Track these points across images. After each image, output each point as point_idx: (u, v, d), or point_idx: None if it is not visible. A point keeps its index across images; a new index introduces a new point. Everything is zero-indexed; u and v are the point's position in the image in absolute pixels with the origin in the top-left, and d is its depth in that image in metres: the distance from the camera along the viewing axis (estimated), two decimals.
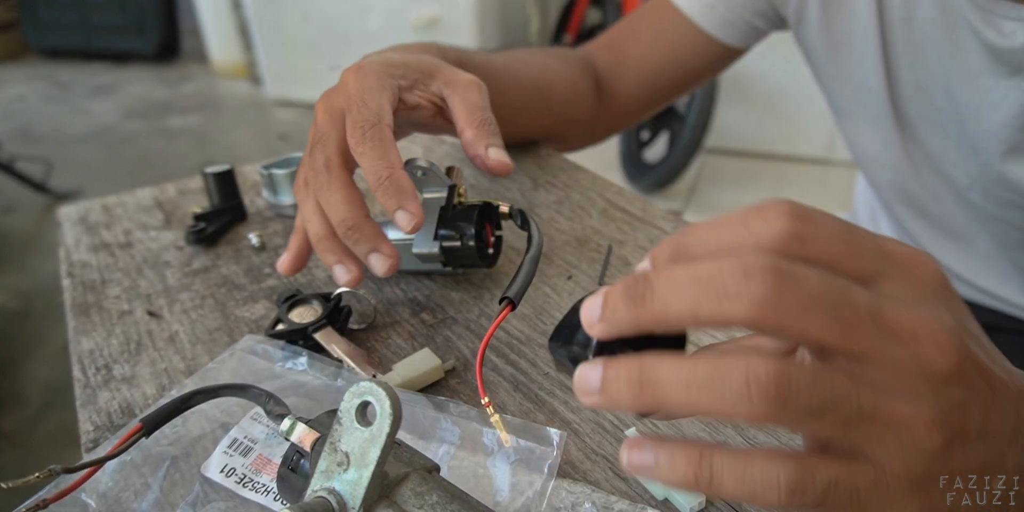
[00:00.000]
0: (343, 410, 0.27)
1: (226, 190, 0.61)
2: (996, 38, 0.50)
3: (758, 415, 0.21)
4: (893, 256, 0.24)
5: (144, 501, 0.35)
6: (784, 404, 0.21)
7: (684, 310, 0.22)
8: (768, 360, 0.21)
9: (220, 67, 3.76)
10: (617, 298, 0.23)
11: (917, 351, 0.22)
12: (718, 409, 0.22)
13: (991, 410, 0.23)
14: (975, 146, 0.55)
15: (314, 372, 0.42)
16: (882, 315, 0.22)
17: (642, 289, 0.23)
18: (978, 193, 0.58)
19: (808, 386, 0.21)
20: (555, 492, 0.34)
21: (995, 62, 0.51)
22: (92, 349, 0.47)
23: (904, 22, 0.56)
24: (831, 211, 0.35)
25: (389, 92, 0.45)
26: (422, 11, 2.83)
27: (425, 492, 0.28)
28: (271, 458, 0.37)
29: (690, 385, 0.22)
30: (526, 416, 0.40)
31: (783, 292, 0.21)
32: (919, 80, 0.57)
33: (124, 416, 0.41)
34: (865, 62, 0.59)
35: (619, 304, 0.23)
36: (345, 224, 0.43)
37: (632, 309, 0.23)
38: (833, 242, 0.23)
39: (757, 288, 0.21)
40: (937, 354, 0.22)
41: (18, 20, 4.09)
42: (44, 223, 2.44)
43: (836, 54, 0.62)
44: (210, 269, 0.56)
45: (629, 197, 0.64)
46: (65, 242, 0.61)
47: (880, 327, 0.22)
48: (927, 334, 0.22)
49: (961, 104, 0.54)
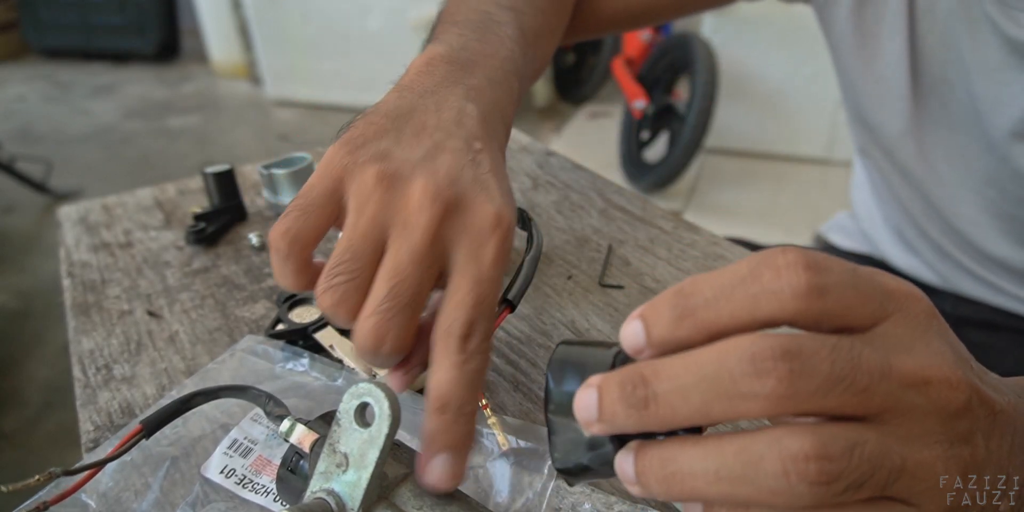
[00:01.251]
0: (342, 411, 0.27)
1: (226, 190, 0.61)
2: (1016, 31, 0.49)
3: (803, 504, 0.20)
4: (893, 295, 0.24)
5: (144, 501, 0.35)
6: (828, 487, 0.20)
7: (694, 413, 0.21)
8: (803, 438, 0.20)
9: (220, 67, 3.76)
10: (615, 402, 0.22)
11: (928, 394, 0.22)
12: (755, 499, 0.21)
13: (992, 433, 0.24)
14: (991, 141, 0.55)
15: (314, 373, 0.42)
16: (892, 370, 0.22)
17: (643, 394, 0.21)
18: (995, 189, 0.58)
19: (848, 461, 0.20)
20: (554, 493, 0.34)
21: (1014, 55, 0.50)
22: (92, 349, 0.47)
23: (927, 14, 0.55)
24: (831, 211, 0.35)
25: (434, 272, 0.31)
26: (422, 11, 2.83)
27: (424, 493, 0.28)
28: (271, 459, 0.37)
29: (720, 477, 0.21)
30: (526, 416, 0.40)
31: (798, 383, 0.20)
32: (942, 73, 0.56)
33: (124, 416, 0.41)
34: (892, 53, 0.58)
35: (618, 408, 0.22)
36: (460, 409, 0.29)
37: (634, 415, 0.22)
38: (847, 291, 0.22)
39: (771, 384, 0.20)
40: (949, 394, 0.22)
41: (18, 20, 4.09)
42: (44, 223, 2.44)
43: (864, 43, 0.61)
44: (210, 269, 0.56)
45: (629, 197, 0.64)
46: (65, 242, 0.61)
47: (892, 383, 0.21)
48: (939, 377, 0.22)
49: (979, 98, 0.54)
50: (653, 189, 2.34)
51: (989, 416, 0.23)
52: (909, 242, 0.73)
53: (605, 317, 0.48)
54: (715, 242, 0.56)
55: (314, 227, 0.33)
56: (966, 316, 0.69)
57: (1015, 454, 0.25)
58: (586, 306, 0.49)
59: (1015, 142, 0.53)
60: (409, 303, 0.29)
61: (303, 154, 0.64)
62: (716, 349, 0.21)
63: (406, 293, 0.29)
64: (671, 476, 0.21)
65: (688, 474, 0.21)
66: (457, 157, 0.33)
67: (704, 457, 0.21)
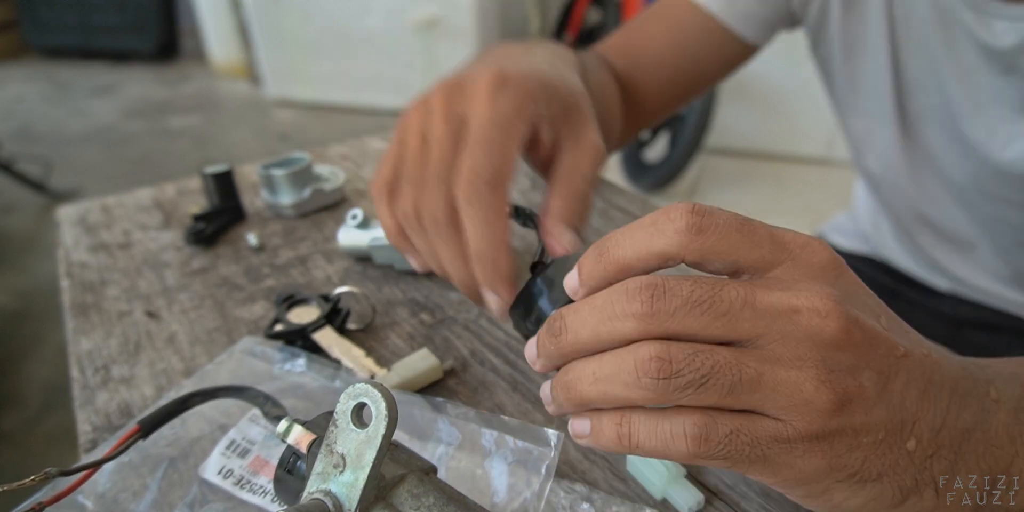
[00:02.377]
0: (339, 412, 0.27)
1: (225, 190, 0.61)
2: (988, 37, 0.50)
3: (650, 397, 0.24)
4: (786, 245, 0.26)
5: (142, 502, 0.35)
6: (668, 382, 0.24)
7: (589, 335, 0.26)
8: (652, 345, 0.24)
9: (220, 67, 3.76)
10: (544, 337, 0.28)
11: (798, 322, 0.24)
12: (621, 395, 0.25)
13: (892, 375, 0.25)
14: (970, 144, 0.55)
15: (312, 373, 0.42)
16: (757, 301, 0.24)
17: (558, 326, 0.27)
18: (975, 193, 0.58)
19: (688, 364, 0.24)
20: (553, 493, 0.34)
21: (988, 61, 0.51)
22: (91, 350, 0.47)
23: (904, 21, 0.56)
24: (831, 211, 0.36)
25: (525, 126, 0.37)
26: (422, 11, 2.83)
27: (422, 494, 0.28)
28: (269, 460, 0.37)
29: (597, 378, 0.26)
30: (524, 416, 0.40)
31: (658, 305, 0.24)
32: (919, 78, 0.57)
33: (122, 417, 0.41)
34: (876, 61, 0.59)
35: (546, 341, 0.27)
36: (487, 257, 0.36)
37: (555, 343, 0.27)
38: (729, 232, 0.26)
39: (636, 305, 0.25)
40: (819, 322, 0.24)
41: (18, 20, 4.09)
42: (43, 223, 2.44)
43: (851, 54, 0.62)
44: (209, 269, 0.56)
45: (629, 197, 0.64)
46: (64, 242, 0.61)
47: (758, 311, 0.24)
48: (807, 306, 0.24)
49: (956, 102, 0.55)
50: (653, 189, 2.34)
51: (887, 357, 0.25)
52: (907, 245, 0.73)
53: None
54: None
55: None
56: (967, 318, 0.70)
57: (929, 401, 0.26)
58: None
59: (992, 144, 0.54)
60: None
61: (302, 154, 0.64)
62: (609, 288, 0.26)
63: None
64: (567, 383, 0.27)
65: (576, 379, 0.26)
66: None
67: (587, 364, 0.26)
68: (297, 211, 0.62)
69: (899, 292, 0.74)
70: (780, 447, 0.24)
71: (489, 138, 0.36)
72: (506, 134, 0.36)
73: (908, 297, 0.74)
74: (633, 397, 0.25)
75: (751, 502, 0.34)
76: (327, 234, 0.60)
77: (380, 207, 0.40)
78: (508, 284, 0.36)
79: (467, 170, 0.35)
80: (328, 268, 0.55)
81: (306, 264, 0.56)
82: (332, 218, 0.62)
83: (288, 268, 0.55)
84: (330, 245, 0.58)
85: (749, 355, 0.24)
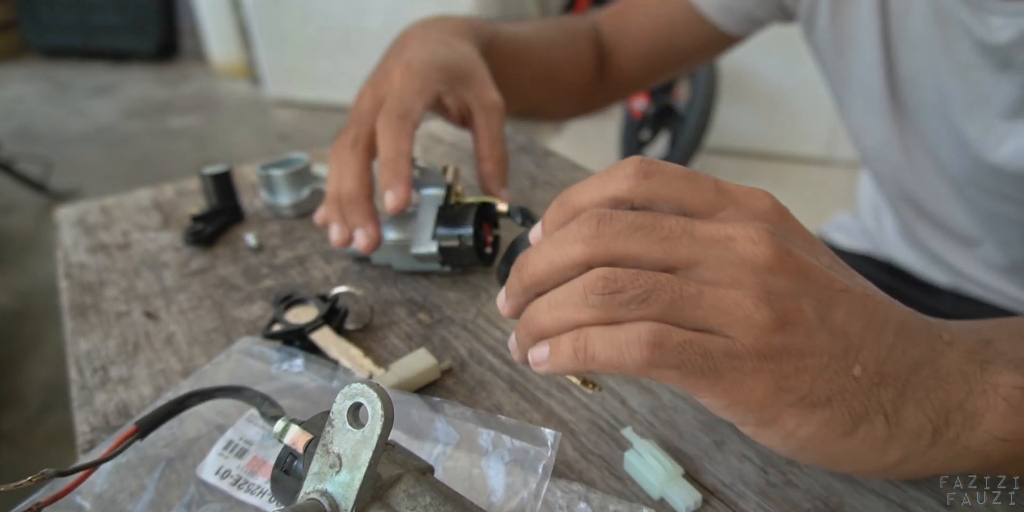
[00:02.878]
0: (335, 412, 0.27)
1: (224, 191, 0.61)
2: (984, 33, 0.50)
3: (598, 314, 0.27)
4: (730, 192, 0.29)
5: (139, 503, 0.35)
6: (613, 297, 0.26)
7: (545, 265, 0.29)
8: (599, 269, 0.27)
9: (220, 67, 3.76)
10: (512, 277, 0.30)
11: (734, 248, 0.26)
12: (573, 318, 0.27)
13: (833, 305, 0.27)
14: (967, 140, 0.55)
15: (310, 374, 0.42)
16: (695, 230, 0.27)
17: (522, 261, 0.30)
18: (974, 189, 0.58)
19: (631, 281, 0.26)
20: (550, 492, 0.34)
21: (984, 57, 0.51)
22: (89, 350, 0.47)
23: (901, 17, 0.56)
24: (831, 211, 0.38)
25: (427, 97, 0.51)
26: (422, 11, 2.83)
27: (418, 494, 0.28)
28: (266, 460, 0.37)
29: (551, 306, 0.28)
30: (522, 416, 0.40)
31: (603, 228, 0.27)
32: (914, 74, 0.57)
33: (121, 417, 0.41)
34: (868, 56, 0.59)
35: (513, 279, 0.30)
36: (349, 197, 0.48)
37: (521, 279, 0.30)
38: (674, 178, 0.29)
39: (584, 229, 0.27)
40: (752, 248, 0.26)
41: (18, 20, 4.09)
42: (43, 223, 2.44)
43: (842, 49, 0.62)
44: (208, 270, 0.56)
45: None
46: (63, 243, 0.61)
47: (696, 238, 0.27)
48: (742, 235, 0.26)
49: (953, 98, 0.55)
50: None
51: (822, 287, 0.27)
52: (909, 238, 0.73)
53: None
54: None
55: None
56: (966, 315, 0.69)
57: (873, 334, 0.27)
58: None
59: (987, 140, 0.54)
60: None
61: (300, 155, 0.64)
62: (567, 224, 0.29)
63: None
64: (527, 319, 0.29)
65: (534, 311, 0.29)
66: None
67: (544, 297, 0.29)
68: (296, 211, 0.62)
69: (899, 290, 0.74)
70: (730, 362, 0.26)
71: (400, 96, 0.49)
72: (413, 95, 0.50)
73: (908, 295, 0.74)
74: (582, 317, 0.27)
75: (748, 501, 0.34)
76: (325, 235, 0.60)
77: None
78: (406, 184, 0.47)
79: (383, 111, 0.49)
80: (326, 268, 0.55)
81: (304, 264, 0.56)
82: None
83: (286, 268, 0.55)
84: (328, 246, 0.58)
85: (689, 278, 0.27)
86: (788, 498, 0.34)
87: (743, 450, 0.37)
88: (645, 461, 0.35)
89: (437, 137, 0.79)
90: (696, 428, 0.39)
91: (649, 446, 0.36)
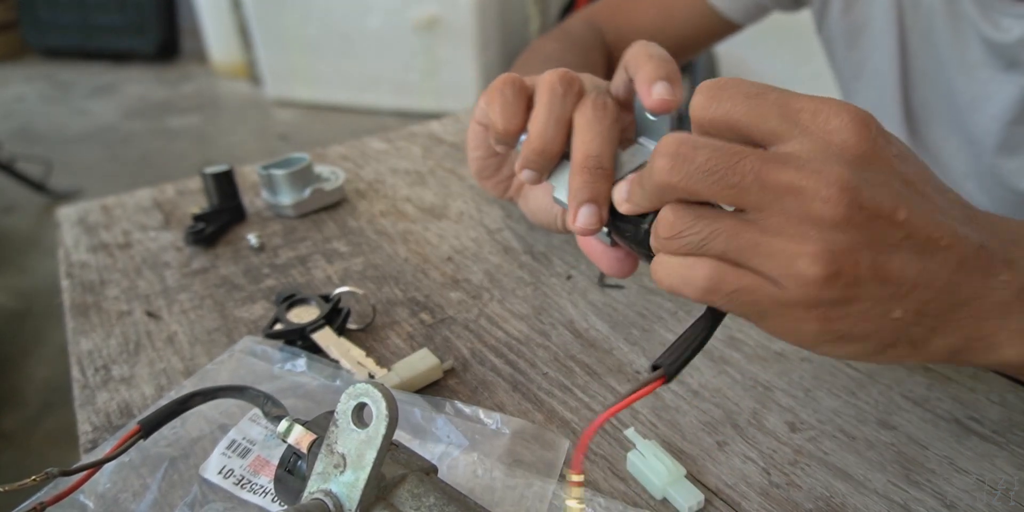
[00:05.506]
0: (339, 412, 0.27)
1: (225, 190, 0.61)
2: (993, 32, 0.50)
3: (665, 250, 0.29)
4: (798, 115, 0.27)
5: (142, 502, 0.35)
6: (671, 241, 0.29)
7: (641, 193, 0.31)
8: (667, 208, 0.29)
9: (220, 67, 3.76)
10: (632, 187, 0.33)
11: (802, 202, 0.26)
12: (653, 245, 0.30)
13: (892, 254, 0.27)
14: (970, 137, 0.56)
15: (312, 373, 0.42)
16: (766, 176, 0.26)
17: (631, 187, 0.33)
18: (973, 183, 0.58)
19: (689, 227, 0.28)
20: (555, 496, 0.34)
21: (992, 55, 0.51)
22: (91, 350, 0.47)
23: (913, 9, 0.56)
24: None
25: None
26: (422, 11, 2.83)
27: (422, 494, 0.28)
28: (269, 459, 0.37)
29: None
30: (525, 416, 0.40)
31: (676, 168, 0.27)
32: (925, 67, 0.57)
33: (123, 417, 0.41)
34: (882, 47, 0.59)
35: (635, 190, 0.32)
36: (599, 161, 0.36)
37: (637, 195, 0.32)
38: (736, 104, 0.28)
39: (659, 166, 0.28)
40: (821, 205, 0.26)
41: (18, 20, 4.09)
42: (44, 223, 2.44)
43: (856, 40, 0.62)
44: (209, 270, 0.56)
45: None
46: (64, 243, 0.61)
47: (764, 186, 0.26)
48: (812, 188, 0.26)
49: (959, 94, 0.55)
50: None
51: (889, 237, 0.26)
52: None
53: (604, 317, 0.48)
54: None
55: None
56: None
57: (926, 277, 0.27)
58: (585, 306, 0.49)
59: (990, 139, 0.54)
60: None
61: (302, 155, 0.64)
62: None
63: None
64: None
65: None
66: None
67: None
68: (297, 211, 0.62)
69: None
70: (778, 309, 0.27)
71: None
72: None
73: None
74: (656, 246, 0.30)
75: (751, 502, 0.34)
76: (327, 234, 0.60)
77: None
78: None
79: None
80: (328, 268, 0.55)
81: (306, 264, 0.56)
82: (332, 218, 0.62)
83: (288, 268, 0.55)
84: (330, 245, 0.58)
85: (751, 225, 0.27)
86: (790, 499, 0.34)
87: (746, 451, 0.37)
88: (648, 461, 0.35)
89: (438, 137, 0.79)
90: (699, 429, 0.39)
91: (652, 447, 0.36)
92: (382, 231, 0.60)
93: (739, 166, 0.26)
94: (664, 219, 0.29)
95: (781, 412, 0.40)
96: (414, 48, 2.95)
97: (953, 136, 0.58)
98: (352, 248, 0.58)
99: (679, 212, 0.28)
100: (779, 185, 0.26)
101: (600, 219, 0.36)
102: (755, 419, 0.39)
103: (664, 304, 0.49)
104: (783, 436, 0.38)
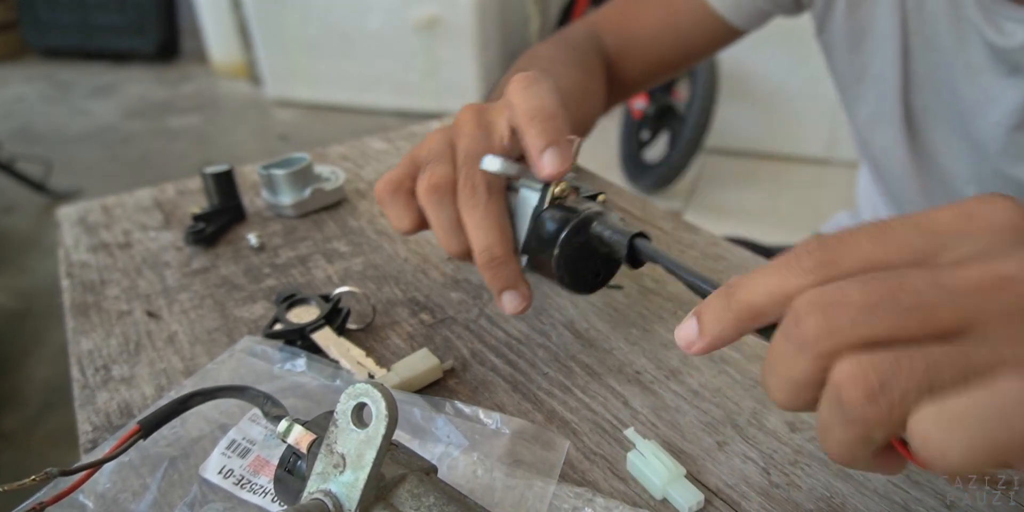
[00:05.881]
0: (339, 412, 0.27)
1: (225, 190, 0.61)
2: (997, 37, 0.50)
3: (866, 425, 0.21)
4: (936, 226, 0.23)
5: (142, 502, 0.35)
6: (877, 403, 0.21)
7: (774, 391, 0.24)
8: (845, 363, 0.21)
9: (220, 67, 3.75)
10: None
11: (1016, 293, 0.21)
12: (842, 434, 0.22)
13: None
14: (972, 142, 0.55)
15: (312, 373, 0.42)
16: (951, 283, 0.21)
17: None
18: (975, 188, 0.58)
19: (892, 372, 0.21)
20: (555, 496, 0.34)
21: (995, 60, 0.51)
22: (91, 349, 0.47)
23: (917, 13, 0.56)
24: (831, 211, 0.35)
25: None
26: (422, 11, 2.83)
27: (422, 494, 0.28)
28: (269, 459, 0.37)
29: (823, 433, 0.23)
30: (525, 416, 0.40)
31: (834, 316, 0.21)
32: (928, 71, 0.57)
33: (123, 417, 0.41)
34: (885, 51, 0.59)
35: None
36: (491, 253, 0.39)
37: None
38: (860, 248, 0.23)
39: (811, 324, 0.22)
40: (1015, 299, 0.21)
41: (18, 20, 4.09)
42: (44, 223, 2.44)
43: (858, 43, 0.62)
44: (209, 269, 0.56)
45: (629, 197, 0.64)
46: (64, 242, 0.61)
47: (957, 291, 0.21)
48: (1018, 274, 0.21)
49: (962, 98, 0.55)
50: (653, 189, 2.34)
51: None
52: None
53: (604, 317, 0.48)
54: (714, 243, 0.56)
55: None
56: None
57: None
58: (585, 306, 0.49)
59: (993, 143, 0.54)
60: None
61: (302, 155, 0.64)
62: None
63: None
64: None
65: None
66: None
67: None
68: (297, 211, 0.62)
69: None
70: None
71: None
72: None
73: None
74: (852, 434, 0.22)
75: (751, 502, 0.34)
76: (327, 234, 0.60)
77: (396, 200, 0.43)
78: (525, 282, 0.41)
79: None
80: (328, 268, 0.55)
81: (306, 264, 0.56)
82: (332, 218, 0.62)
83: (288, 268, 0.55)
84: (330, 245, 0.58)
85: (980, 345, 0.20)
86: (791, 499, 0.34)
87: (746, 451, 0.37)
88: (648, 461, 0.35)
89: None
90: (699, 429, 0.39)
91: (652, 447, 0.36)
92: (382, 231, 0.60)
93: (907, 285, 0.21)
94: (851, 379, 0.21)
95: (781, 412, 0.40)
96: (414, 48, 2.95)
97: (955, 141, 0.58)
98: (352, 248, 0.58)
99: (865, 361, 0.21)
100: (972, 282, 0.21)
101: (524, 297, 0.40)
102: (755, 419, 0.39)
103: (664, 304, 0.49)
104: (783, 436, 0.38)
